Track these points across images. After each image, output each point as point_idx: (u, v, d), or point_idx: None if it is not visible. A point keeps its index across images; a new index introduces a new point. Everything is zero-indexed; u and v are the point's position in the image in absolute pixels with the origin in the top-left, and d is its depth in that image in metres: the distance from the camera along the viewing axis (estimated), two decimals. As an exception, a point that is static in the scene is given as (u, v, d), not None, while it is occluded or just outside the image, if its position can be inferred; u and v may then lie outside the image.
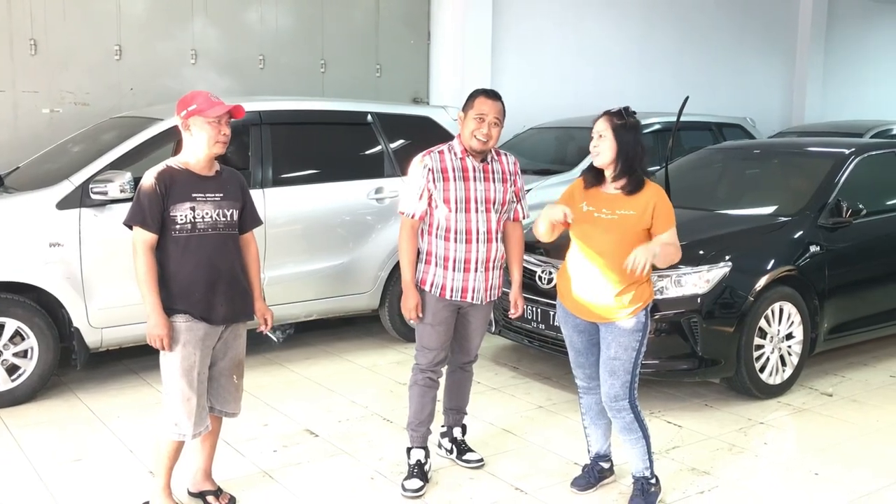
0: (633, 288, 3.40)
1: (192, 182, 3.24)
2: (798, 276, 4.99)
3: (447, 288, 3.67)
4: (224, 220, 3.31)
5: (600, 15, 10.73)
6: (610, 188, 3.43)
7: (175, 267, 3.22)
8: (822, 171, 5.56)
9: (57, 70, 7.06)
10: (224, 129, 3.24)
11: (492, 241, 3.69)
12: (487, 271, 3.71)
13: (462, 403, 4.06)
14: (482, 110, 3.61)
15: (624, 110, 3.39)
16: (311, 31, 8.49)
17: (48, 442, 4.25)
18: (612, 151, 3.35)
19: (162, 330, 3.17)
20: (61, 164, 5.39)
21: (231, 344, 3.41)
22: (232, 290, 3.33)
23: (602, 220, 3.40)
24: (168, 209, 3.19)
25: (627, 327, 3.41)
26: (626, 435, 3.50)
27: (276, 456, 4.10)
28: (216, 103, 3.22)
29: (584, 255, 3.46)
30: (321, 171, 5.94)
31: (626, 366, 3.43)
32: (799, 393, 5.04)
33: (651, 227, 3.37)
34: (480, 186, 3.64)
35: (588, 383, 3.67)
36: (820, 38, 13.52)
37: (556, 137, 8.87)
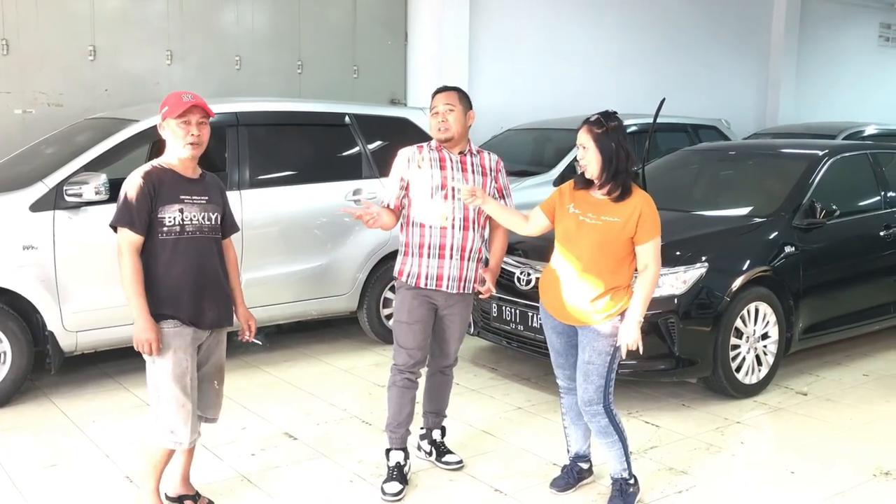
0: (611, 293, 3.39)
1: (180, 184, 3.20)
2: (773, 276, 5.05)
3: (422, 276, 3.71)
4: (209, 223, 3.28)
5: (577, 17, 10.78)
6: (598, 193, 3.43)
7: (163, 270, 3.16)
8: (797, 172, 5.62)
9: (30, 70, 6.99)
10: (194, 130, 3.18)
11: (468, 230, 3.72)
12: (462, 260, 3.73)
13: (441, 407, 4.06)
14: (435, 106, 3.74)
15: (603, 116, 3.37)
16: (288, 31, 8.46)
17: (22, 448, 4.19)
18: (598, 162, 3.34)
19: (150, 334, 3.10)
20: (35, 165, 5.32)
21: (214, 349, 3.38)
22: (218, 295, 3.31)
23: (586, 225, 3.40)
24: (156, 210, 3.13)
25: (603, 332, 3.41)
26: (603, 438, 3.52)
27: (254, 460, 4.08)
28: (183, 104, 3.16)
29: (565, 257, 3.47)
30: (299, 172, 5.92)
31: (601, 370, 3.43)
32: (774, 392, 5.09)
33: (635, 235, 3.35)
34: (457, 175, 3.71)
35: (568, 384, 3.69)
36: (793, 41, 13.67)
37: (533, 139, 8.90)
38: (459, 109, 3.70)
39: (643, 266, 3.39)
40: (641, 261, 3.39)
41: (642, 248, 3.37)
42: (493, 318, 5.33)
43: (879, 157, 6.13)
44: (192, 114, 3.18)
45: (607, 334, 3.41)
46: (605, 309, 3.39)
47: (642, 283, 3.38)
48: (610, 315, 3.39)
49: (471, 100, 3.82)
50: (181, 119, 3.17)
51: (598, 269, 3.37)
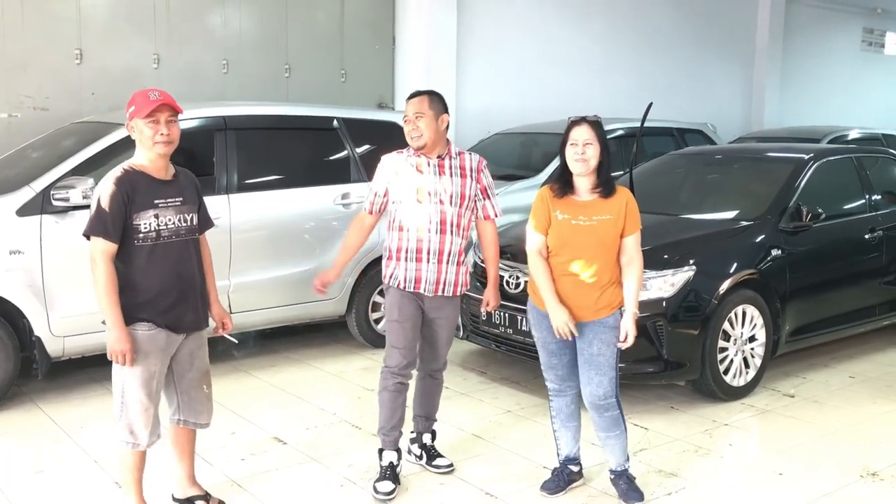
0: (612, 286, 3.53)
1: (154, 188, 3.13)
2: (760, 279, 5.08)
3: (402, 279, 3.75)
4: (186, 225, 3.23)
5: (564, 21, 10.82)
6: (584, 195, 3.52)
7: (139, 276, 3.11)
8: (783, 175, 5.67)
9: (15, 74, 6.94)
10: (163, 129, 3.09)
11: (445, 233, 3.73)
12: (440, 263, 3.74)
13: (431, 411, 4.07)
14: (406, 113, 3.76)
15: (596, 118, 3.52)
16: (275, 35, 8.45)
17: (9, 453, 4.16)
18: (598, 158, 3.46)
19: (125, 345, 3.05)
20: (21, 169, 5.29)
21: (196, 353, 3.35)
22: (196, 298, 3.28)
23: (581, 227, 3.49)
24: (131, 217, 3.06)
25: (609, 324, 3.54)
26: (612, 431, 3.61)
27: (244, 464, 4.07)
28: (150, 102, 3.09)
29: (566, 260, 3.52)
30: (287, 176, 5.91)
31: (610, 361, 3.55)
32: (762, 394, 5.13)
33: (623, 229, 3.49)
34: (434, 178, 3.72)
35: (559, 385, 3.71)
36: (777, 46, 13.78)
37: (520, 143, 8.91)
38: (430, 115, 3.70)
39: (628, 260, 3.52)
40: (626, 254, 3.52)
41: (628, 240, 3.51)
42: (482, 322, 5.34)
43: (864, 161, 6.19)
44: (160, 112, 3.09)
45: (613, 326, 3.54)
46: (610, 302, 3.53)
47: (631, 277, 3.53)
48: (614, 307, 3.54)
49: (445, 102, 3.81)
50: (149, 118, 3.08)
51: (600, 266, 3.50)
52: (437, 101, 3.77)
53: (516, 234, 5.84)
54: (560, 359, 3.66)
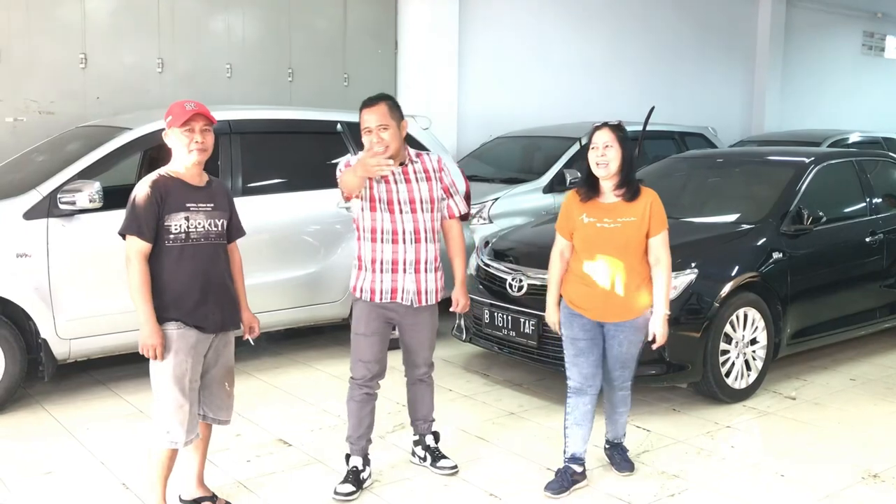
0: (642, 288, 3.68)
1: (186, 192, 3.27)
2: (761, 282, 5.11)
3: (376, 291, 3.70)
4: (215, 229, 3.34)
5: (565, 25, 10.87)
6: (609, 197, 3.68)
7: (168, 276, 3.23)
8: (784, 179, 5.70)
9: (21, 78, 6.98)
10: (197, 137, 3.25)
11: (420, 242, 3.69)
12: (417, 273, 3.71)
13: (427, 413, 4.05)
14: (366, 123, 3.61)
15: (619, 123, 3.67)
16: (278, 40, 8.49)
17: (17, 455, 4.19)
18: (619, 161, 3.60)
19: (155, 339, 3.17)
20: (28, 173, 5.32)
21: (222, 352, 3.43)
22: (223, 299, 3.36)
23: (606, 230, 3.64)
24: (163, 218, 3.20)
25: (639, 325, 3.73)
26: (620, 407, 3.94)
27: (249, 466, 4.10)
28: (186, 112, 3.24)
29: (594, 262, 3.68)
30: (291, 180, 5.94)
31: (634, 356, 3.82)
32: (763, 397, 5.15)
33: (648, 229, 3.64)
34: (402, 188, 3.67)
35: (582, 384, 3.79)
36: (778, 50, 13.83)
37: (522, 146, 8.96)
38: (393, 126, 3.60)
39: (655, 259, 3.67)
40: (654, 253, 3.67)
41: (655, 240, 3.65)
42: (484, 325, 5.37)
43: (865, 165, 6.23)
44: (195, 121, 3.25)
45: (642, 326, 3.73)
46: (641, 304, 3.69)
47: (661, 277, 3.68)
48: (643, 308, 3.70)
49: (400, 106, 3.71)
50: (185, 127, 3.24)
51: (627, 268, 3.64)
52: (396, 107, 3.66)
53: (519, 237, 5.90)
54: (587, 357, 3.76)
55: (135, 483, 3.83)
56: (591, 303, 3.71)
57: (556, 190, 7.73)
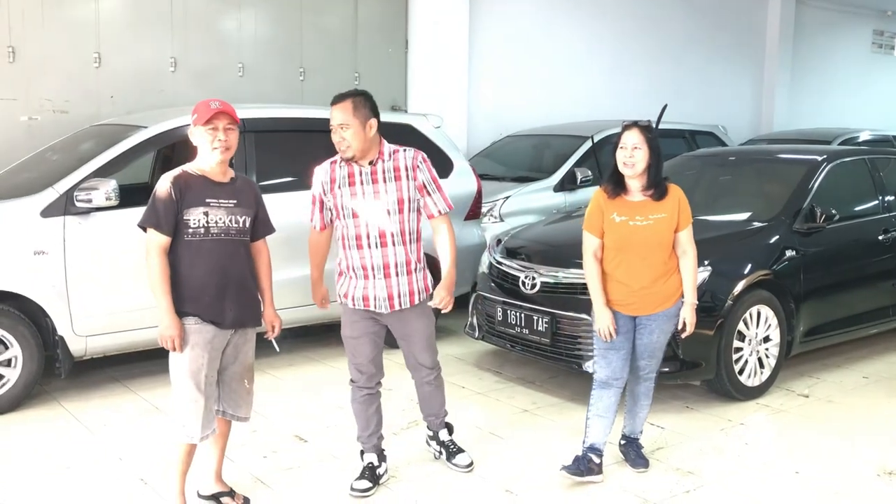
0: (673, 279, 3.78)
1: (207, 187, 3.30)
2: (774, 280, 5.12)
3: (350, 297, 3.66)
4: (236, 226, 3.35)
5: (575, 24, 10.88)
6: (636, 196, 3.74)
7: (186, 270, 3.26)
8: (797, 177, 5.70)
9: (35, 77, 7.02)
10: (220, 135, 3.28)
11: (387, 246, 3.57)
12: (388, 278, 3.59)
13: (437, 410, 4.01)
14: (331, 121, 3.53)
15: (651, 123, 3.75)
16: (290, 39, 8.52)
17: (36, 450, 4.23)
18: (646, 162, 3.66)
19: (174, 331, 3.21)
20: (43, 171, 5.36)
21: (241, 348, 3.45)
22: (241, 295, 3.38)
23: (638, 228, 3.70)
24: (182, 213, 3.23)
25: (671, 314, 3.82)
26: (644, 399, 4.00)
27: (266, 462, 4.13)
28: (210, 110, 3.27)
29: (628, 260, 3.74)
30: (303, 178, 5.93)
31: (664, 345, 3.92)
32: (776, 394, 5.16)
33: (678, 224, 3.73)
34: (368, 189, 3.55)
35: (608, 377, 3.84)
36: (787, 48, 13.81)
37: (532, 145, 8.97)
38: (356, 124, 3.48)
39: (683, 251, 3.78)
40: (681, 246, 3.77)
41: (683, 234, 3.76)
42: (497, 322, 5.39)
43: (877, 163, 6.22)
44: (218, 119, 3.28)
45: (673, 315, 3.83)
46: (671, 294, 3.79)
47: (689, 267, 3.78)
48: (676, 298, 3.80)
49: (373, 102, 3.58)
50: (209, 125, 3.27)
51: (660, 262, 3.74)
52: (363, 104, 3.52)
53: (531, 235, 5.91)
54: (618, 351, 3.82)
55: (153, 478, 3.86)
56: (627, 299, 3.77)
57: (566, 188, 7.75)
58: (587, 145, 7.97)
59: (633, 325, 3.83)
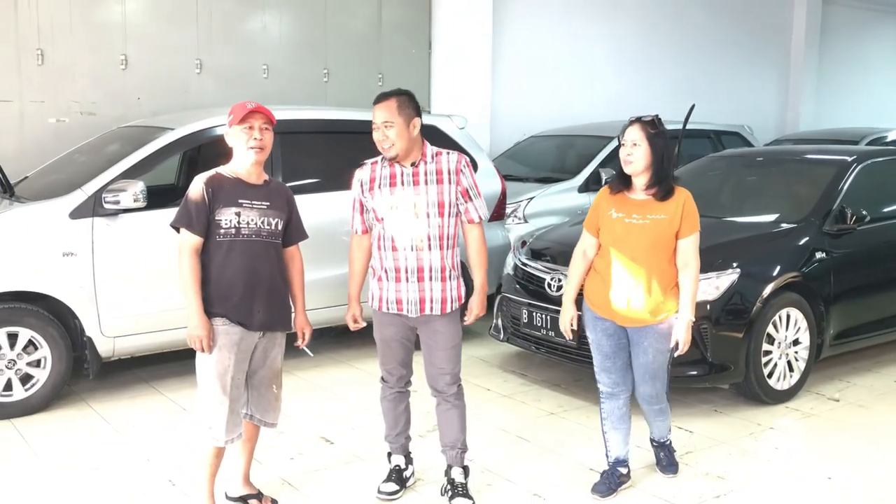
0: (666, 291, 3.51)
1: (240, 189, 3.30)
2: (804, 282, 5.05)
3: (383, 300, 3.58)
4: (268, 228, 3.35)
5: (599, 25, 10.82)
6: (639, 194, 3.53)
7: (217, 270, 3.27)
8: (826, 178, 5.62)
9: (63, 80, 7.07)
10: (256, 134, 3.28)
11: (423, 250, 3.48)
12: (421, 282, 3.50)
13: (451, 440, 3.70)
14: (374, 119, 3.47)
15: (656, 118, 3.49)
16: (314, 40, 8.54)
17: (65, 451, 4.26)
18: (646, 160, 3.45)
19: (202, 331, 3.21)
20: (71, 173, 5.40)
21: (270, 352, 3.45)
22: (270, 297, 3.37)
23: (634, 227, 3.48)
24: (214, 213, 3.24)
25: (662, 331, 3.53)
26: (657, 418, 3.84)
27: (293, 463, 4.13)
28: (245, 110, 3.28)
29: (618, 260, 3.53)
30: (329, 179, 5.96)
31: (664, 366, 3.62)
32: (806, 398, 5.10)
33: (679, 229, 3.48)
34: (409, 191, 3.47)
35: (612, 388, 3.72)
36: (814, 47, 13.66)
37: (556, 145, 8.94)
38: (400, 122, 3.41)
39: (683, 263, 3.50)
40: (682, 257, 3.50)
41: (684, 242, 3.49)
42: (523, 324, 5.36)
43: (908, 163, 6.13)
44: (254, 119, 3.28)
45: (666, 333, 3.54)
46: (664, 308, 3.52)
47: (687, 281, 3.50)
48: (668, 313, 3.52)
49: (416, 102, 3.52)
50: (244, 124, 3.27)
51: (653, 269, 3.48)
52: (407, 103, 3.46)
53: (555, 236, 5.87)
54: (614, 362, 3.68)
55: (181, 480, 3.87)
56: (612, 305, 3.55)
57: (591, 189, 7.70)
58: (612, 145, 7.92)
59: (627, 337, 3.63)
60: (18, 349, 4.69)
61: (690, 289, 3.49)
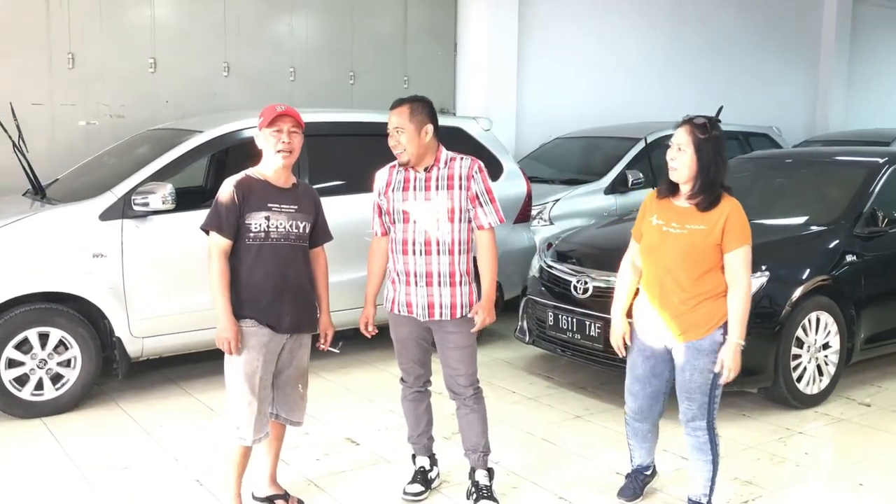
0: (703, 305, 3.21)
1: (269, 192, 3.32)
2: (834, 285, 4.99)
3: (395, 302, 3.60)
4: (296, 231, 3.37)
5: (625, 24, 10.77)
6: (683, 201, 3.27)
7: (246, 273, 3.29)
8: (857, 180, 5.56)
9: (93, 83, 7.16)
10: (284, 138, 3.30)
11: (431, 254, 3.48)
12: (430, 286, 3.50)
13: (473, 444, 3.69)
14: (388, 125, 3.49)
15: (709, 122, 3.19)
16: (341, 43, 8.58)
17: (95, 450, 4.30)
18: (691, 168, 3.18)
19: (230, 333, 3.24)
20: (101, 175, 5.47)
21: (296, 353, 3.48)
22: (298, 300, 3.40)
23: (670, 235, 3.25)
24: (244, 217, 3.27)
25: (702, 348, 3.22)
26: (697, 455, 3.37)
27: (319, 464, 4.15)
28: (274, 113, 3.30)
29: (653, 271, 3.33)
30: (354, 182, 5.98)
31: (703, 388, 3.26)
32: (836, 403, 5.03)
33: (721, 242, 3.17)
34: (419, 196, 3.49)
35: (634, 415, 3.54)
36: (844, 47, 13.49)
37: (582, 147, 8.90)
38: (411, 129, 3.41)
39: (731, 279, 3.18)
40: (729, 272, 3.18)
41: (730, 257, 3.17)
42: (548, 327, 5.35)
43: (942, 165, 6.02)
44: (282, 122, 3.30)
45: (707, 351, 3.21)
46: (701, 323, 3.21)
47: (735, 301, 3.17)
48: (710, 328, 3.21)
49: (432, 108, 3.51)
50: (273, 128, 3.29)
51: (690, 281, 3.20)
52: (420, 110, 3.46)
53: (583, 238, 5.86)
54: (643, 387, 3.45)
55: (208, 480, 3.90)
56: (649, 319, 3.34)
57: (617, 191, 7.67)
58: (638, 147, 7.88)
59: (668, 361, 3.36)
60: (49, 349, 4.75)
61: (738, 309, 3.15)
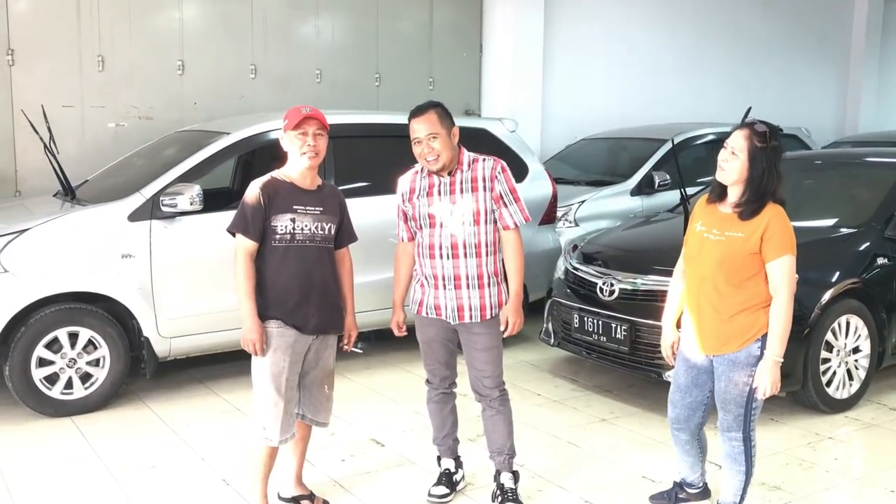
0: (740, 316, 3.11)
1: (294, 194, 3.34)
2: (864, 288, 4.92)
3: (423, 304, 3.61)
4: (322, 233, 3.39)
5: (652, 25, 10.70)
6: (727, 207, 3.18)
7: (272, 275, 3.32)
8: (888, 181, 5.48)
9: (122, 85, 7.25)
10: (310, 140, 3.31)
11: (458, 258, 3.49)
12: (458, 289, 3.51)
13: (500, 446, 3.68)
14: (415, 133, 3.47)
15: (770, 130, 3.09)
16: (366, 45, 8.61)
17: (123, 449, 4.34)
18: (741, 175, 3.09)
19: (255, 335, 3.26)
20: (130, 176, 5.52)
21: (322, 354, 3.49)
22: (324, 302, 3.42)
23: (708, 242, 3.17)
24: (269, 219, 3.29)
25: (738, 361, 3.13)
26: (730, 463, 3.32)
27: (344, 465, 4.16)
28: (299, 115, 3.31)
29: (692, 280, 3.27)
30: (379, 183, 5.99)
31: (739, 400, 3.18)
32: (867, 408, 4.96)
33: (760, 250, 3.08)
34: (445, 199, 3.50)
35: (674, 423, 3.48)
36: (874, 46, 13.30)
37: (608, 148, 8.86)
38: (444, 133, 3.43)
39: (773, 290, 3.08)
40: (772, 283, 3.08)
41: (771, 267, 3.07)
42: (573, 329, 5.32)
43: (975, 166, 5.92)
44: (308, 125, 3.31)
45: (743, 364, 3.13)
46: (736, 336, 3.12)
47: (775, 314, 3.06)
48: (746, 341, 3.12)
49: (450, 112, 3.55)
50: (298, 130, 3.31)
51: (727, 290, 3.11)
52: (445, 113, 3.49)
53: (609, 240, 5.83)
54: (683, 397, 3.39)
55: (235, 480, 3.93)
56: (689, 328, 3.28)
57: (644, 192, 7.63)
58: (665, 148, 7.82)
59: (710, 371, 3.29)
60: (79, 349, 4.81)
61: (778, 322, 3.04)
